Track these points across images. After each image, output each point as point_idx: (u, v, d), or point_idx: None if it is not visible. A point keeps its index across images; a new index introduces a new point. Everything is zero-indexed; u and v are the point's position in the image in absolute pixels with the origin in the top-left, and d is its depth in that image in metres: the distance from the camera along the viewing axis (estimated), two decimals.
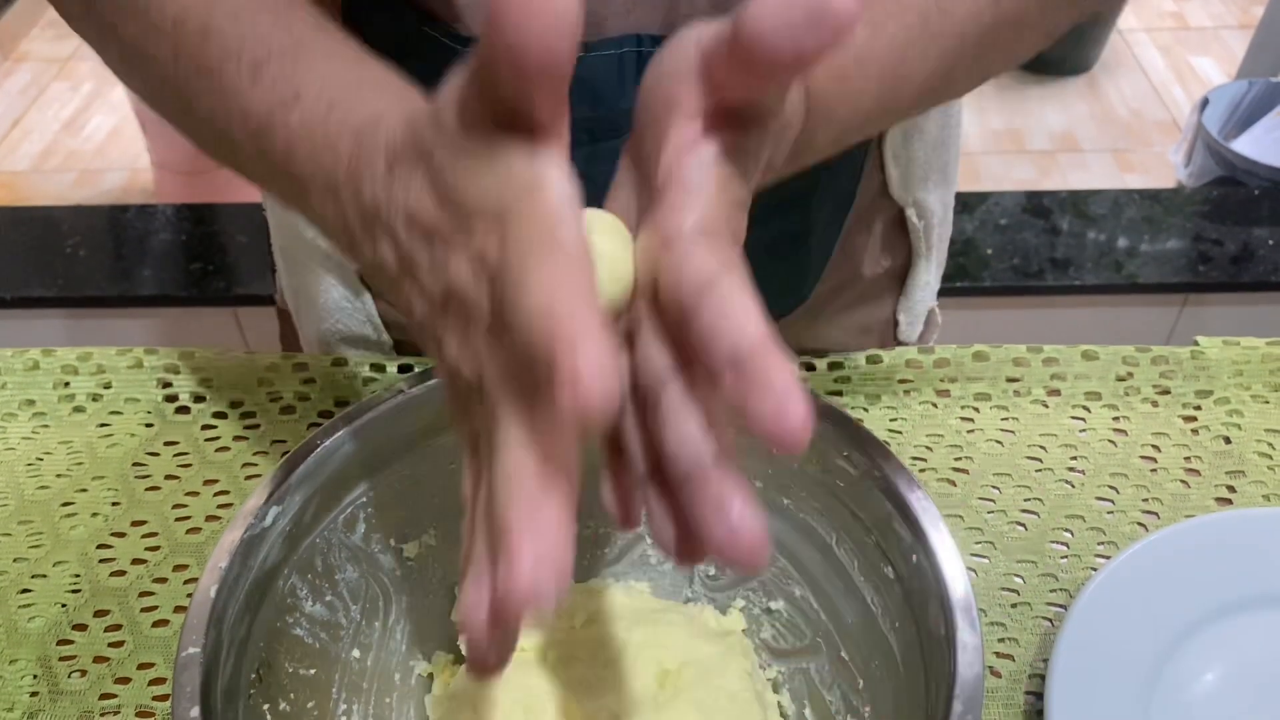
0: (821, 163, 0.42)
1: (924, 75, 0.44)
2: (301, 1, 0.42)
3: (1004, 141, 2.35)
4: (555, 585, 0.26)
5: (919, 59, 0.43)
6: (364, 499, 0.50)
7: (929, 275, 0.71)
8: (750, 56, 0.29)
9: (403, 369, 0.67)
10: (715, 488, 0.29)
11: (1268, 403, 0.65)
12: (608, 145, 0.47)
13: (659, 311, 0.31)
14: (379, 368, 0.67)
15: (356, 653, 0.50)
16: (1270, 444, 0.63)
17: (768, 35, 0.28)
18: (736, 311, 0.28)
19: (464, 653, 0.42)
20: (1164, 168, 2.25)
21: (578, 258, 0.28)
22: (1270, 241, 1.47)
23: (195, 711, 0.39)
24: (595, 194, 0.34)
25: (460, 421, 0.35)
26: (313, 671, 0.48)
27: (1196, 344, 0.68)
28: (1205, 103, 2.03)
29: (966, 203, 1.52)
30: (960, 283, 1.41)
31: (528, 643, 0.52)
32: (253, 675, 0.44)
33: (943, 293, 0.76)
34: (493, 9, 0.26)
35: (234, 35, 0.40)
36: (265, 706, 0.45)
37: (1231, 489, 0.61)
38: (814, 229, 0.64)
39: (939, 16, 0.42)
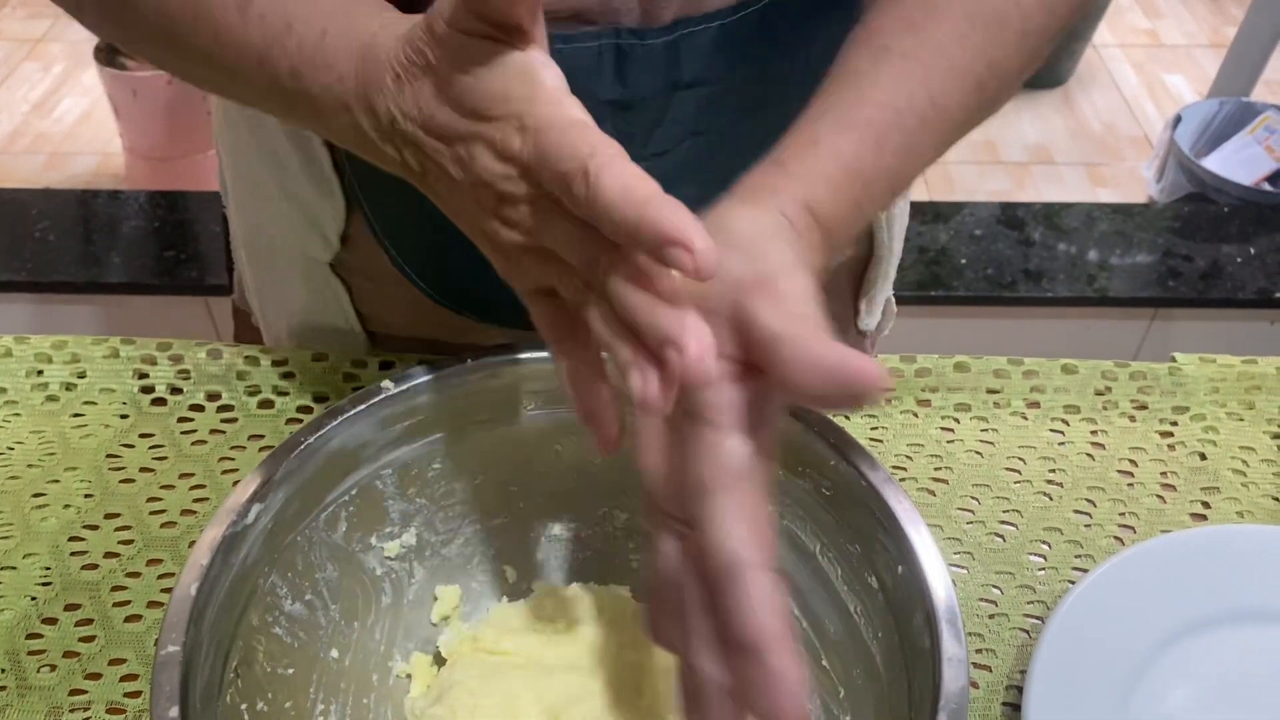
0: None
1: (925, 165, 0.45)
2: None
3: (979, 152, 2.37)
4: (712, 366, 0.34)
5: (919, 158, 0.44)
6: (346, 497, 0.49)
7: (889, 265, 0.72)
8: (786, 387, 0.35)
9: (383, 365, 0.66)
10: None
11: (1242, 420, 0.66)
12: None
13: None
14: (360, 363, 0.67)
15: (335, 652, 0.50)
16: (1244, 461, 0.64)
17: (803, 389, 0.34)
18: (754, 608, 0.35)
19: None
20: (1136, 182, 2.28)
21: (599, 131, 0.35)
22: (1238, 259, 1.49)
23: (174, 711, 0.38)
24: None
25: (516, 276, 0.41)
26: (290, 671, 0.47)
27: (1174, 360, 0.68)
28: (1178, 120, 2.06)
29: (941, 212, 1.53)
30: (934, 291, 1.42)
31: (508, 646, 0.52)
32: (231, 674, 0.44)
33: (916, 300, 0.77)
34: None
35: None
36: (243, 706, 0.44)
37: (1206, 505, 0.62)
38: None
39: (935, 114, 0.43)
